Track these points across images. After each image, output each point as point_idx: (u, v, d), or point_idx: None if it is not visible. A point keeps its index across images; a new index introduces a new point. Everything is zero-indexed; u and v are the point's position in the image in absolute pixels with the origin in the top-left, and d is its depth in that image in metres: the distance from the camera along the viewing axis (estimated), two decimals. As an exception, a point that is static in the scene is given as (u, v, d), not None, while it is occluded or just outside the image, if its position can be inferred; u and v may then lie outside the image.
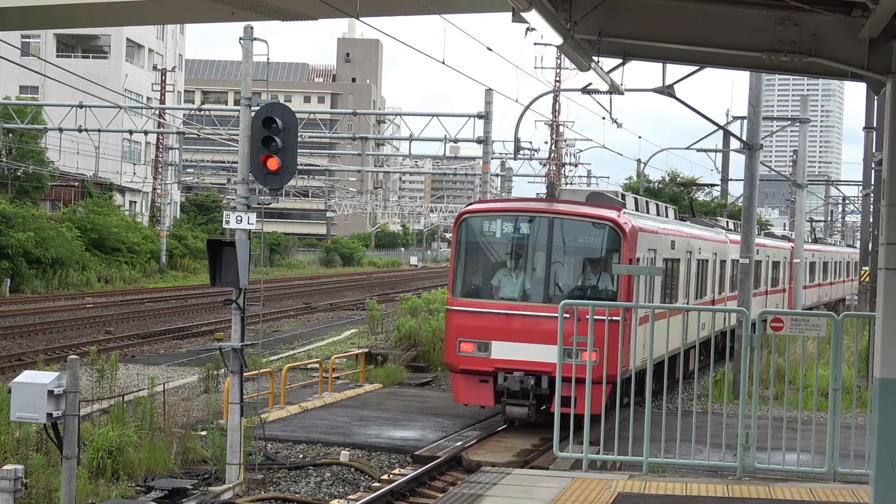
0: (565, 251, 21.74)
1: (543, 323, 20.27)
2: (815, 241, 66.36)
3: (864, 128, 40.71)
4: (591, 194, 24.36)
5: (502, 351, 18.40)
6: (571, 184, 67.11)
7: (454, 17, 27.90)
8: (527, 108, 47.18)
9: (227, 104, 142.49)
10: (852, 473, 15.02)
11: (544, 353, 15.29)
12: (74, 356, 13.05)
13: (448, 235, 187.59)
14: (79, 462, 14.01)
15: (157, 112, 71.99)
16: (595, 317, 15.61)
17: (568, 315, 15.87)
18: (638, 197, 26.90)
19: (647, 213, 26.35)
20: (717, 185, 55.80)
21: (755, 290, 36.09)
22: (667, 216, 28.85)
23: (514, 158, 57.94)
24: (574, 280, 21.87)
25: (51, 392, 12.21)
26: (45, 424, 12.67)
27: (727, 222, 39.96)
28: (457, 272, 22.26)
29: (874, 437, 11.38)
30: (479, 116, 51.31)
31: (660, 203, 29.96)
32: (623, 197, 24.78)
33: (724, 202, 60.40)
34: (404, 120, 58.29)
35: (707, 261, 30.70)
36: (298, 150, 17.85)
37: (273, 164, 16.78)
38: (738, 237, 33.08)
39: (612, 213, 21.72)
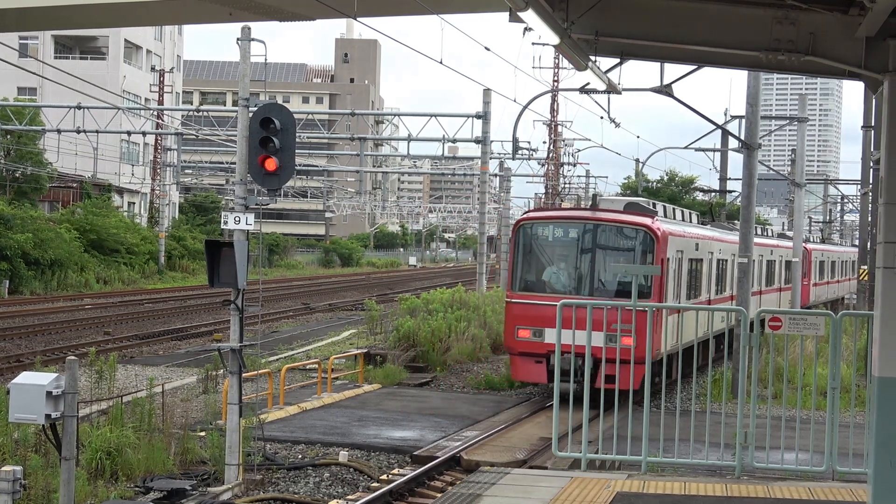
0: (607, 252, 25.44)
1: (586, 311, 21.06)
2: (823, 241, 69.81)
3: (862, 126, 40.72)
4: (628, 204, 27.64)
5: (554, 336, 18.69)
6: (598, 195, 67.41)
7: (452, 17, 27.89)
8: (525, 107, 47.20)
9: (225, 105, 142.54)
10: (851, 472, 15.02)
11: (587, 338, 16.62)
12: (73, 357, 13.05)
13: (447, 235, 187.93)
14: (77, 463, 14.01)
15: (155, 113, 72.04)
16: (640, 306, 17.26)
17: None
18: (666, 205, 30.16)
19: (675, 218, 29.53)
20: (718, 191, 55.97)
21: (772, 287, 41.82)
22: (691, 221, 32.08)
23: (513, 158, 58.01)
24: (613, 275, 24.93)
25: (49, 393, 12.20)
26: (43, 425, 12.67)
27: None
28: (515, 270, 26.05)
29: (872, 436, 11.39)
30: (478, 116, 51.36)
31: (685, 210, 33.22)
32: (655, 205, 28.01)
33: (722, 201, 60.39)
34: (403, 120, 58.40)
35: (726, 260, 33.34)
36: (297, 151, 17.87)
37: (271, 164, 16.78)
38: (762, 240, 38.46)
39: (646, 220, 25.25)
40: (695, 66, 17.80)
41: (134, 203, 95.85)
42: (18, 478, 12.23)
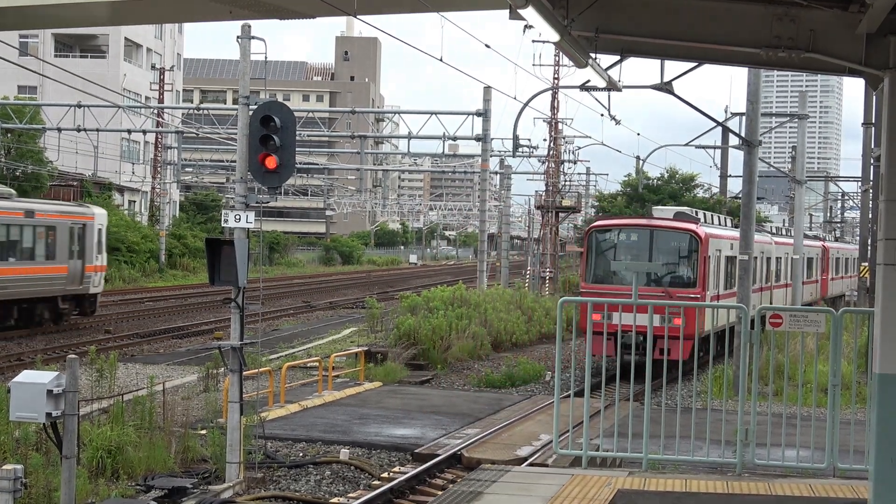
0: (661, 251, 31.46)
1: (647, 299, 24.30)
2: (836, 239, 76.71)
3: (862, 123, 40.73)
4: (677, 213, 34.40)
5: (621, 319, 22.99)
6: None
7: (452, 14, 27.89)
8: (525, 105, 47.18)
9: (225, 103, 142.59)
10: (852, 469, 15.01)
11: (647, 320, 17.56)
12: (73, 356, 13.05)
13: (447, 233, 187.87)
14: (78, 461, 14.01)
15: (155, 111, 71.98)
16: (687, 295, 28.08)
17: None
18: (706, 212, 36.75)
19: (713, 224, 35.67)
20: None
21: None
22: (725, 225, 37.42)
23: (513, 156, 58.02)
24: (666, 270, 31.33)
25: (50, 392, 12.20)
26: (44, 424, 12.66)
27: (772, 227, 50.91)
28: (588, 266, 32.12)
29: (873, 433, 11.38)
30: (478, 114, 51.33)
31: (721, 216, 39.73)
32: (697, 213, 34.93)
33: (722, 199, 60.39)
34: (403, 118, 58.31)
35: (756, 258, 36.80)
36: (297, 149, 17.85)
37: (271, 162, 16.77)
38: (781, 239, 45.09)
39: (692, 226, 31.66)
40: (695, 64, 17.77)
41: (134, 201, 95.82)
42: (19, 476, 12.23)
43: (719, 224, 37.18)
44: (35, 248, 38.61)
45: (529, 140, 62.62)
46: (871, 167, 37.84)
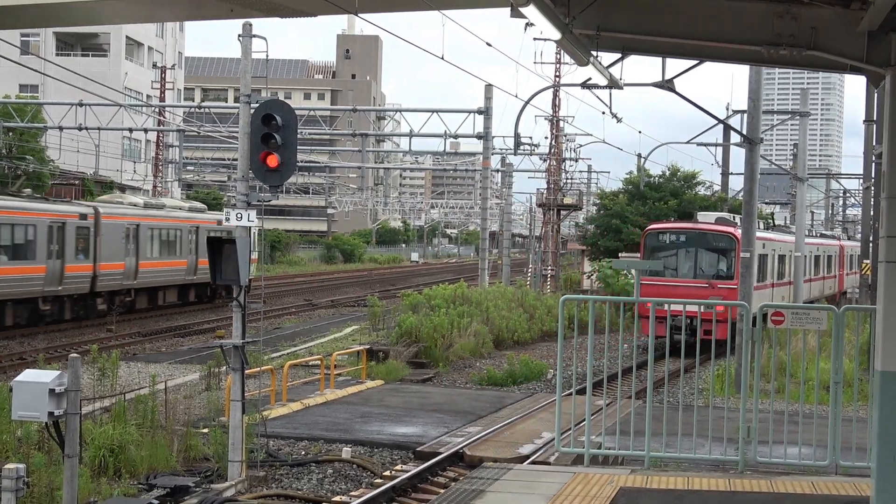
0: (705, 250, 37.99)
1: (693, 289, 35.61)
2: (849, 238, 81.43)
3: (864, 121, 40.71)
4: (718, 218, 41.39)
5: (673, 306, 25.27)
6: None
7: (453, 12, 27.87)
8: (527, 103, 47.22)
9: (227, 101, 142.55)
10: (854, 466, 15.00)
11: (694, 306, 25.55)
12: (75, 354, 13.05)
13: (449, 231, 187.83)
14: (81, 460, 14.01)
15: (157, 110, 72.01)
16: (727, 286, 35.16)
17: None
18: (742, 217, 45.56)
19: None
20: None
21: (819, 276, 55.35)
22: (759, 227, 40.41)
23: (515, 154, 57.91)
24: (710, 266, 37.85)
25: (52, 391, 12.20)
26: (46, 423, 12.66)
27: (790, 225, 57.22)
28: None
29: (875, 430, 11.38)
30: (480, 112, 51.33)
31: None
32: (735, 218, 40.61)
33: (724, 196, 60.35)
34: (404, 116, 58.38)
35: (784, 256, 45.28)
36: (299, 147, 17.86)
37: (273, 161, 16.77)
38: (808, 240, 51.40)
39: (730, 229, 38.24)
40: (696, 61, 17.76)
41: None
42: (22, 475, 12.23)
43: (769, 229, 47.00)
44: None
45: (531, 138, 62.44)
46: (873, 164, 37.83)
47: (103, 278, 43.24)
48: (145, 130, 65.00)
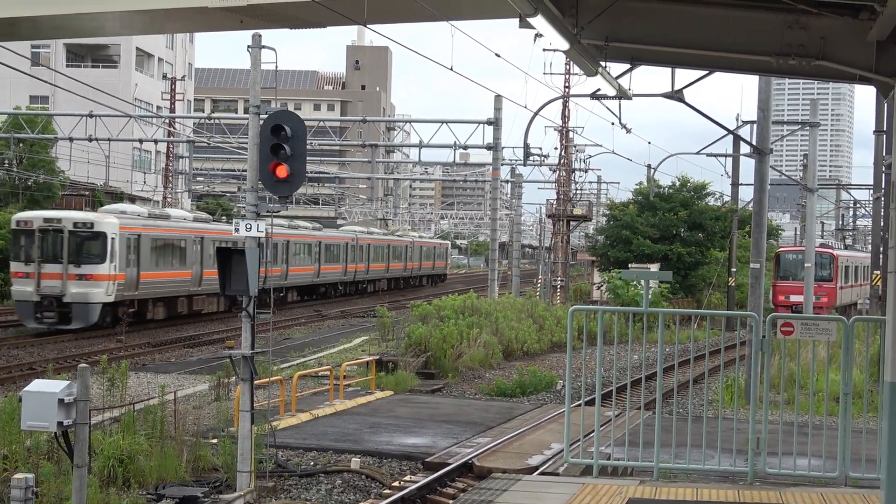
0: (816, 264, 48.70)
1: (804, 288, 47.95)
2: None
3: (874, 131, 40.67)
4: (821, 243, 63.13)
5: (794, 297, 38.67)
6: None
7: (463, 23, 27.87)
8: (536, 113, 47.21)
9: (236, 112, 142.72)
10: (864, 478, 14.96)
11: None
12: (85, 365, 13.06)
13: (458, 242, 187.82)
14: (89, 470, 14.02)
15: (166, 121, 72.09)
16: (827, 285, 56.81)
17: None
18: (834, 241, 75.90)
19: (841, 248, 65.67)
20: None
21: (848, 283, 63.84)
22: (844, 248, 61.05)
23: (524, 164, 58.05)
24: (818, 274, 50.81)
25: (61, 401, 12.21)
26: (55, 433, 12.67)
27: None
28: (777, 272, 57.86)
29: (885, 442, 11.35)
30: (489, 123, 51.34)
31: (846, 243, 74.11)
32: (832, 243, 67.71)
33: (734, 207, 60.33)
34: (414, 127, 58.39)
35: (857, 266, 64.86)
36: (308, 158, 17.88)
37: (282, 171, 16.77)
38: (847, 253, 68.46)
39: (830, 250, 60.38)
40: (706, 72, 17.77)
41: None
42: (31, 485, 12.25)
43: (844, 248, 73.26)
44: None
45: (540, 149, 62.68)
46: (883, 175, 37.78)
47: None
48: (155, 141, 65.07)
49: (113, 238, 42.01)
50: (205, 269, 49.10)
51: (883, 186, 38.40)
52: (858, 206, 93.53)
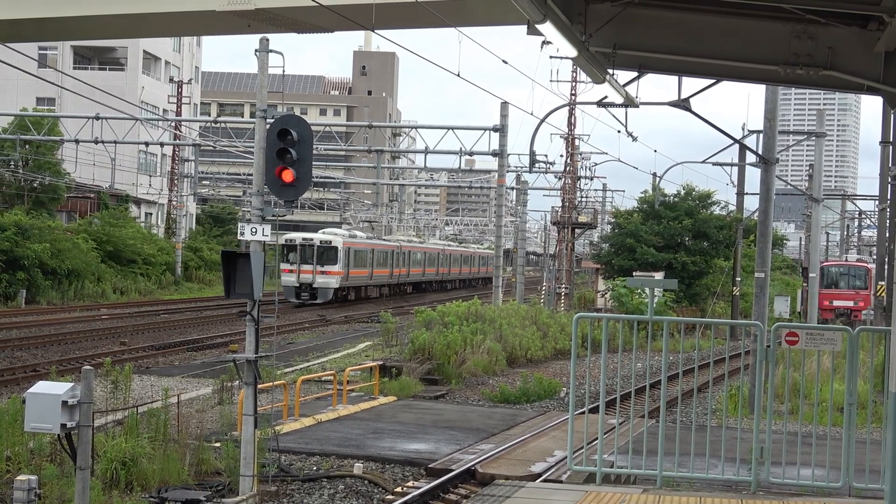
0: (852, 276, 64.43)
1: (848, 294, 62.24)
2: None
3: (880, 142, 40.61)
4: (858, 258, 75.11)
5: (836, 303, 53.57)
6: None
7: (470, 29, 27.91)
8: (542, 121, 47.24)
9: (243, 116, 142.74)
10: (867, 489, 14.94)
11: (849, 303, 51.00)
12: (89, 367, 13.06)
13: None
14: (92, 473, 14.02)
15: (173, 124, 72.26)
16: (864, 293, 61.78)
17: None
18: (868, 256, 74.55)
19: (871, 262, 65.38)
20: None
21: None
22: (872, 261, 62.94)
23: (530, 171, 58.03)
24: (854, 283, 63.89)
25: (65, 403, 12.21)
26: (58, 435, 12.67)
27: None
28: (822, 282, 59.46)
29: (889, 452, 11.34)
30: (495, 129, 51.36)
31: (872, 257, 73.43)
32: (865, 260, 70.17)
33: (739, 216, 60.31)
34: (420, 133, 58.54)
35: None
36: (314, 163, 17.84)
37: (288, 176, 16.76)
38: None
39: (865, 264, 65.88)
40: (713, 81, 17.76)
41: (151, 214, 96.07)
42: (34, 487, 12.25)
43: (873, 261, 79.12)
44: None
45: (546, 156, 62.52)
46: (889, 186, 37.74)
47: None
48: (161, 144, 65.30)
49: (341, 250, 66.17)
50: (375, 269, 75.46)
51: (889, 197, 38.34)
52: (864, 216, 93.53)
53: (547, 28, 10.80)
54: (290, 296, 64.56)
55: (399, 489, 18.26)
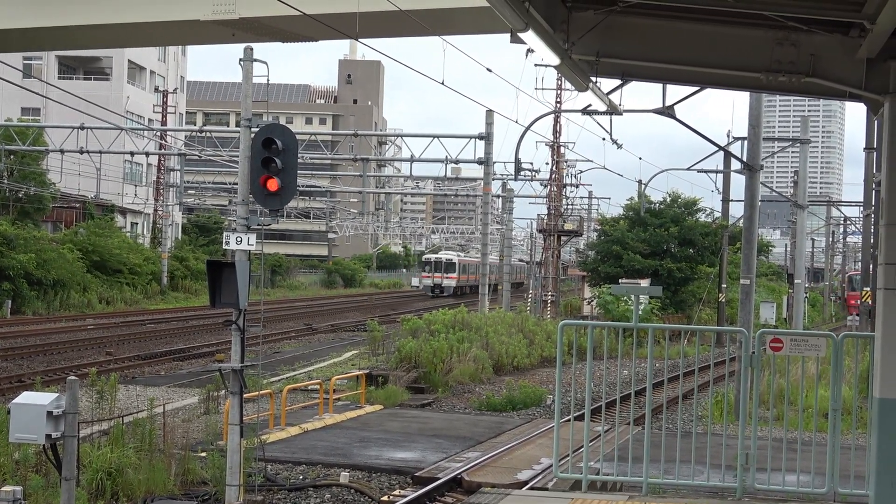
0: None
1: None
2: None
3: (864, 148, 40.81)
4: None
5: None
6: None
7: (454, 38, 27.98)
8: (527, 129, 47.32)
9: (228, 126, 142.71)
10: (852, 494, 14.98)
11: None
12: (74, 377, 13.02)
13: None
14: (78, 483, 13.98)
15: (158, 133, 72.14)
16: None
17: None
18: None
19: None
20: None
21: None
22: None
23: (515, 179, 57.99)
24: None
25: (50, 413, 12.18)
26: (43, 446, 12.63)
27: None
28: (849, 287, 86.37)
29: (874, 458, 11.37)
30: (480, 137, 51.37)
31: None
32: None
33: (725, 223, 60.42)
34: (405, 141, 58.43)
35: None
36: (299, 172, 17.86)
37: (273, 184, 16.75)
38: None
39: None
40: (696, 88, 17.81)
41: (137, 223, 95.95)
42: (19, 498, 12.20)
43: None
44: None
45: (531, 164, 62.50)
46: (873, 192, 37.89)
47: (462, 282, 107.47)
48: (147, 154, 65.14)
49: (457, 264, 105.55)
50: (469, 275, 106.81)
51: (873, 203, 38.48)
52: (848, 222, 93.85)
53: (529, 37, 10.83)
54: (427, 291, 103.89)
55: (385, 498, 18.25)
